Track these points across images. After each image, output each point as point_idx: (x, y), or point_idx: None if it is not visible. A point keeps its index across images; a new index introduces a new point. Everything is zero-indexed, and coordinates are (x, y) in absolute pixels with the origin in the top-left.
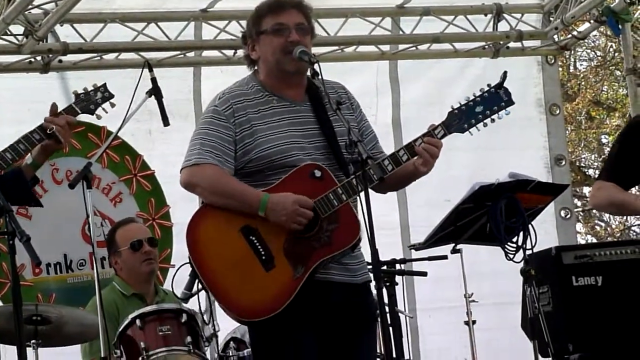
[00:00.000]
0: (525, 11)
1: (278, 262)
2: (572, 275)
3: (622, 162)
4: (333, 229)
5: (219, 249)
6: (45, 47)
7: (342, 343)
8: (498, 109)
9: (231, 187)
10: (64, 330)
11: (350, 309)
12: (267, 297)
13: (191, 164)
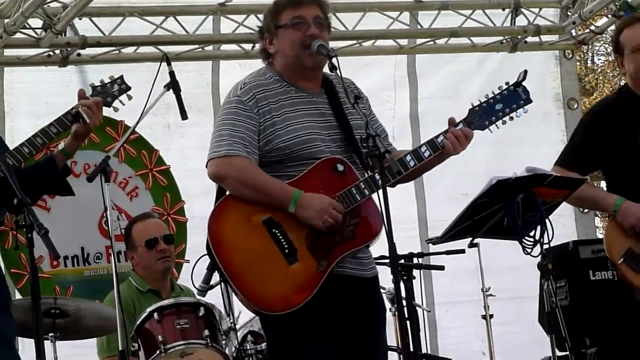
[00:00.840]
0: (543, 6)
1: (301, 256)
2: (590, 270)
3: (585, 150)
4: (356, 223)
5: (242, 240)
6: (63, 40)
7: (354, 336)
8: (517, 107)
9: (262, 180)
10: (81, 323)
11: (363, 303)
12: (289, 290)
13: (222, 155)
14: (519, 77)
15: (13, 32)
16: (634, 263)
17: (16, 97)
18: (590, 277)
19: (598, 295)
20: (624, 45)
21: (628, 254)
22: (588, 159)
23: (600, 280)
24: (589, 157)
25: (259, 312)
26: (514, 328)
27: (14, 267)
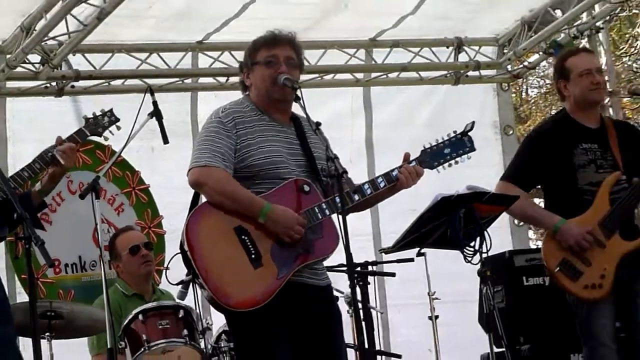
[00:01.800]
0: (482, 44)
1: (265, 262)
2: (523, 276)
3: (527, 168)
4: (315, 238)
5: (213, 244)
6: (59, 74)
7: (315, 337)
8: (462, 153)
9: (237, 190)
10: (74, 324)
11: (320, 308)
12: (253, 291)
13: (202, 165)
14: (466, 127)
15: (14, 67)
16: (568, 271)
17: (17, 124)
18: (524, 283)
19: (530, 299)
20: (570, 71)
21: (563, 263)
22: (529, 175)
23: (533, 285)
24: (530, 174)
25: (225, 310)
26: (457, 328)
27: (24, 274)
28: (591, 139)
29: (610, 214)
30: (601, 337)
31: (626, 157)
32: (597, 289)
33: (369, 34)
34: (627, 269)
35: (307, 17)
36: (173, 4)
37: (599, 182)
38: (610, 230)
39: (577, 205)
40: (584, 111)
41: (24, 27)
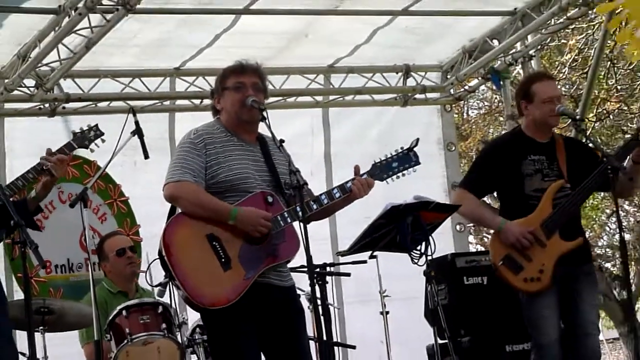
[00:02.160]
0: (428, 70)
1: (234, 265)
2: (464, 276)
3: (481, 177)
4: (279, 243)
5: (188, 249)
6: (51, 96)
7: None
8: (408, 166)
9: (208, 200)
10: (65, 319)
11: (285, 306)
12: (223, 291)
13: (175, 180)
14: (411, 144)
15: (12, 90)
16: (510, 265)
17: (14, 141)
18: (465, 282)
19: (470, 296)
20: (535, 95)
21: (506, 258)
22: (482, 183)
23: (472, 284)
24: (484, 182)
25: (199, 308)
26: (405, 322)
27: (19, 273)
28: (539, 151)
29: (551, 216)
30: (542, 325)
31: (572, 168)
32: (536, 282)
33: (327, 61)
34: (565, 266)
35: (272, 46)
36: (153, 35)
37: (544, 189)
38: (551, 230)
39: (523, 209)
40: (539, 129)
41: (20, 55)
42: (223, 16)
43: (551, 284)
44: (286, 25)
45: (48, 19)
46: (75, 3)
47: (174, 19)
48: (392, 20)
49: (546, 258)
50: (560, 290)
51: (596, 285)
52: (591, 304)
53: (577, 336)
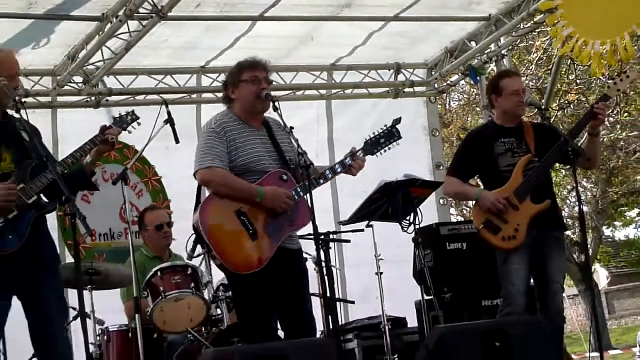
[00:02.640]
0: (415, 67)
1: (260, 235)
2: (447, 242)
3: (463, 163)
4: (294, 214)
5: (221, 224)
6: (97, 91)
7: (289, 285)
8: (393, 141)
9: (236, 182)
10: (109, 279)
11: (293, 265)
12: (254, 258)
13: (206, 167)
14: (394, 121)
15: (63, 86)
16: (490, 228)
17: (65, 130)
18: (447, 247)
19: (452, 259)
20: (503, 89)
21: (486, 222)
22: (466, 168)
23: (454, 249)
24: (466, 167)
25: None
26: (397, 282)
27: (70, 241)
28: (509, 135)
29: (521, 184)
30: (512, 277)
31: (539, 146)
32: (512, 240)
33: (330, 60)
34: (539, 229)
35: (283, 48)
36: (182, 39)
37: (515, 164)
38: (522, 196)
39: (500, 182)
40: (508, 118)
41: (70, 56)
42: (241, 23)
43: (525, 240)
44: (295, 30)
45: (93, 26)
46: (116, 12)
47: (200, 25)
48: (385, 26)
49: (520, 219)
50: (532, 251)
51: (564, 250)
52: (559, 266)
53: (545, 293)
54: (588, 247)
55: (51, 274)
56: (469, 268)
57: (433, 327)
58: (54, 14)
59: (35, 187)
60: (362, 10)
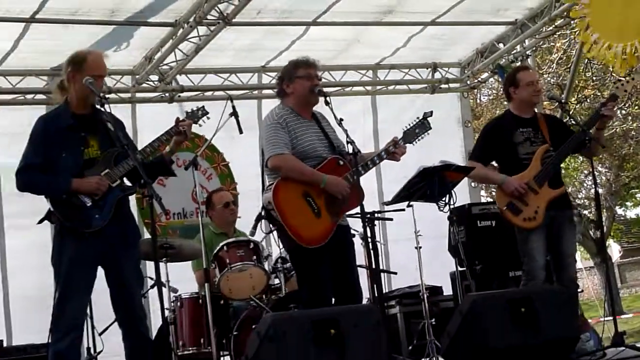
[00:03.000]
0: (450, 66)
1: (322, 214)
2: (478, 220)
3: (485, 149)
4: (350, 193)
5: (290, 204)
6: (170, 88)
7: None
8: (425, 130)
9: (304, 168)
10: (181, 253)
11: (343, 239)
12: (318, 232)
13: (277, 154)
14: (425, 114)
15: (140, 83)
16: (512, 209)
17: (143, 122)
18: (478, 225)
19: (482, 235)
20: (520, 81)
21: (509, 204)
22: (486, 154)
23: (484, 226)
24: (486, 153)
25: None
26: (434, 254)
27: (147, 219)
28: (526, 125)
29: (541, 171)
30: (533, 254)
31: (552, 136)
32: (532, 220)
33: (375, 60)
34: (555, 209)
35: (333, 49)
36: (245, 41)
37: (533, 152)
38: (541, 182)
39: (519, 168)
40: (524, 108)
41: (147, 57)
42: (297, 27)
43: (544, 222)
44: (343, 34)
45: (167, 31)
46: (187, 18)
47: (260, 30)
48: (423, 29)
49: (539, 202)
50: (548, 230)
51: (575, 228)
52: (572, 242)
53: (560, 265)
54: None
55: (131, 248)
56: (497, 243)
57: (465, 295)
58: (133, 20)
59: (118, 172)
60: (402, 16)
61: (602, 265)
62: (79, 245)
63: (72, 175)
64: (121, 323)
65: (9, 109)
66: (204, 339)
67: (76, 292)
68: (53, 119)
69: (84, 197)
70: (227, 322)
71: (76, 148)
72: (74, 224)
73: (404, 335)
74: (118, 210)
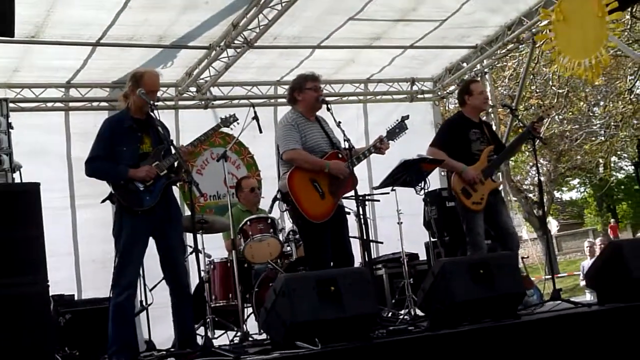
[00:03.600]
0: (425, 81)
1: (326, 195)
2: (446, 201)
3: (447, 140)
4: (346, 182)
5: (301, 188)
6: (205, 97)
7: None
8: (403, 130)
9: (312, 159)
10: (214, 226)
11: (339, 215)
12: (323, 210)
13: (291, 149)
14: (402, 117)
15: (182, 94)
16: (464, 193)
17: (184, 125)
18: (447, 205)
19: (450, 214)
20: (473, 90)
21: (462, 189)
22: (447, 145)
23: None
24: (448, 144)
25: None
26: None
27: (187, 201)
28: (475, 127)
29: (487, 167)
30: (477, 230)
31: (492, 139)
32: (479, 204)
33: (365, 76)
34: (492, 195)
35: (333, 67)
36: (263, 61)
37: (481, 150)
38: (487, 175)
39: (470, 161)
40: (474, 113)
41: (187, 73)
42: (305, 49)
43: (486, 206)
44: (341, 55)
45: (203, 52)
46: (219, 43)
47: (276, 52)
48: (404, 52)
49: (484, 190)
50: (486, 211)
51: (506, 203)
52: (507, 215)
53: (504, 235)
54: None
55: (175, 223)
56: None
57: (436, 260)
58: (176, 44)
59: (165, 164)
60: (388, 41)
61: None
62: (134, 221)
63: (130, 165)
64: (168, 282)
65: (79, 114)
66: (231, 294)
67: (132, 258)
68: (117, 121)
69: (137, 183)
70: (249, 281)
71: (134, 144)
72: (130, 203)
73: (388, 292)
74: (164, 193)
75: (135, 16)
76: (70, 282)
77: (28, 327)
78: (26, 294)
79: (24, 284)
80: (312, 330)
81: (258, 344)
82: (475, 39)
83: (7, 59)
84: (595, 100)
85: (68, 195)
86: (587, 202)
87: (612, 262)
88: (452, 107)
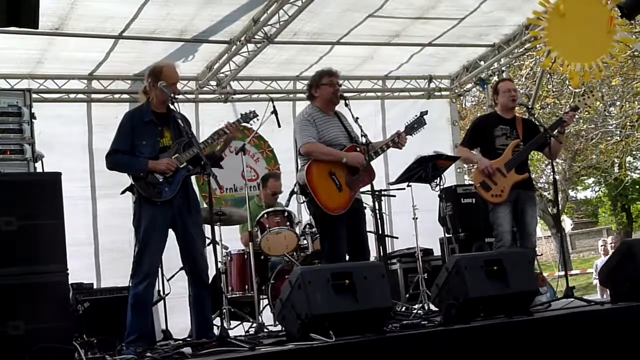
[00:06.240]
0: (442, 78)
1: (343, 188)
2: (461, 198)
3: (471, 138)
4: (364, 173)
5: (319, 180)
6: (225, 91)
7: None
8: (421, 125)
9: (329, 151)
10: (232, 218)
11: (357, 208)
12: (340, 203)
13: (308, 142)
14: (421, 113)
15: (202, 87)
16: (484, 187)
17: (204, 118)
18: (462, 201)
19: (465, 210)
20: (500, 89)
21: (481, 182)
22: (472, 141)
23: (466, 203)
24: (473, 141)
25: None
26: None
27: (204, 193)
28: (505, 123)
29: (510, 160)
30: (500, 222)
31: (525, 135)
32: (498, 197)
33: (384, 72)
34: (519, 189)
35: (352, 63)
36: (283, 56)
37: (506, 145)
38: (509, 168)
39: (495, 156)
40: (505, 110)
41: (207, 67)
42: (324, 46)
43: (507, 200)
44: (360, 52)
45: (224, 47)
46: (239, 37)
47: (296, 47)
48: (422, 49)
49: (506, 183)
50: (513, 205)
51: (536, 205)
52: (532, 216)
53: (523, 234)
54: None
55: (194, 214)
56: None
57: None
58: (198, 38)
59: (184, 157)
60: (406, 39)
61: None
62: (153, 211)
63: (150, 158)
64: (188, 273)
65: (101, 105)
66: (248, 285)
67: (151, 248)
68: (137, 114)
69: (157, 175)
70: (266, 273)
71: (154, 138)
72: (149, 194)
73: (402, 286)
74: (183, 185)
75: (157, 10)
76: (90, 271)
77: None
78: (46, 282)
79: (44, 272)
80: (326, 323)
81: (273, 335)
82: (493, 37)
83: (31, 51)
84: (611, 100)
85: (89, 185)
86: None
87: (625, 261)
88: (469, 105)
